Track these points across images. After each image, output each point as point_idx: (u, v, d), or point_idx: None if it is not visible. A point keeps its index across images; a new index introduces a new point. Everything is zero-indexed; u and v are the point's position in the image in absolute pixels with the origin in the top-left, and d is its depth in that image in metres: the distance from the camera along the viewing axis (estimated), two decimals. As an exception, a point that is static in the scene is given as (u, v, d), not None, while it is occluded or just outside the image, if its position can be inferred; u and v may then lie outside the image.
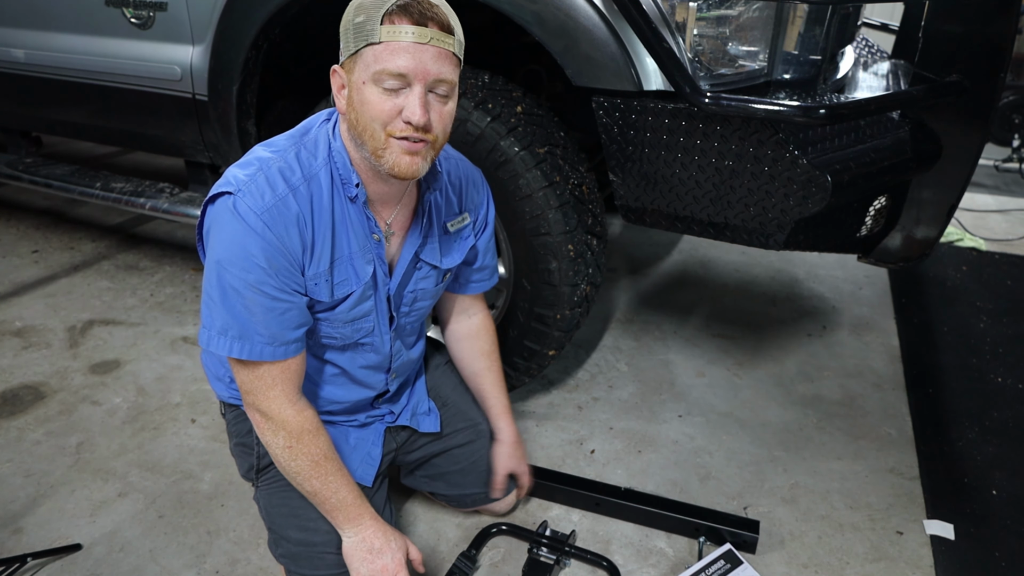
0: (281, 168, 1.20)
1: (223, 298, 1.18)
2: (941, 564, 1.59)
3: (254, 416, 1.28)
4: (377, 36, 1.10)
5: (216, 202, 1.20)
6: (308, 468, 1.28)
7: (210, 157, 2.24)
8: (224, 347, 1.20)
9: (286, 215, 1.18)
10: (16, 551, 1.57)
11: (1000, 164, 4.41)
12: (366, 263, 1.30)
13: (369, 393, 1.47)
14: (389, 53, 1.10)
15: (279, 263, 1.18)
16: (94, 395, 2.11)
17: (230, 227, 1.16)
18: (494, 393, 1.65)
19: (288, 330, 1.22)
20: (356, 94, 1.15)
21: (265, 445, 1.30)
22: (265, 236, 1.16)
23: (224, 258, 1.17)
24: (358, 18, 1.12)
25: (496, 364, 1.65)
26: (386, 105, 1.13)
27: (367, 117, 1.15)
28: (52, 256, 2.98)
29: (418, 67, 1.11)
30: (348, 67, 1.16)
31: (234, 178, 1.19)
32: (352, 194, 1.25)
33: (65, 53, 2.26)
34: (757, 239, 1.53)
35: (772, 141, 1.40)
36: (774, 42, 1.47)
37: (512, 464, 1.63)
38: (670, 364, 2.33)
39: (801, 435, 2.01)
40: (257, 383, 1.24)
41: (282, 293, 1.20)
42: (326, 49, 2.27)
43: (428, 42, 1.11)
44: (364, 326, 1.36)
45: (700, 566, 1.51)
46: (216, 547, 1.60)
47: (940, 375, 2.28)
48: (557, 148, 1.72)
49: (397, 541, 1.35)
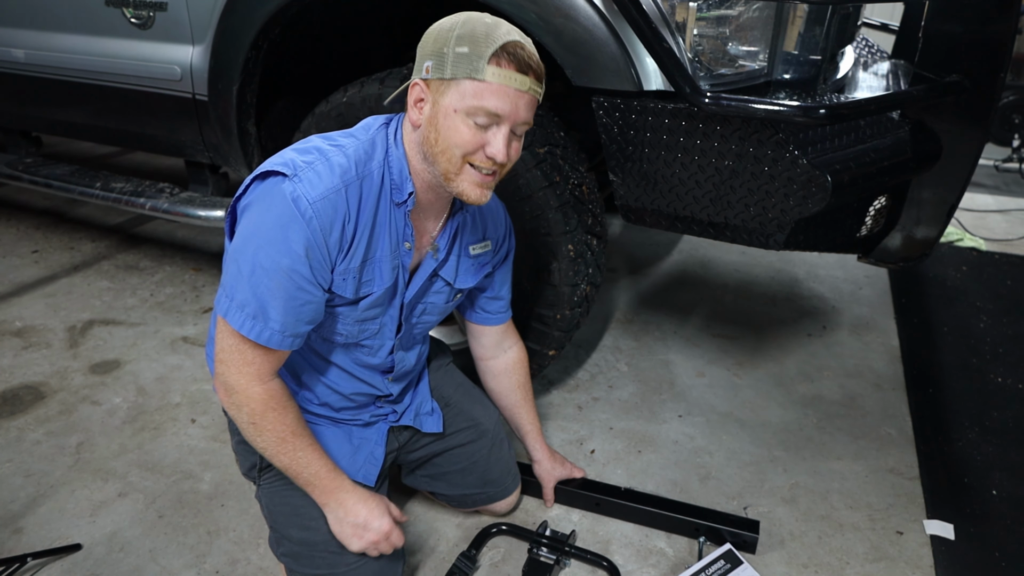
0: (339, 162, 1.22)
1: (251, 275, 1.18)
2: (941, 564, 1.59)
3: (220, 389, 1.28)
4: (482, 74, 1.14)
5: (267, 179, 1.20)
6: (275, 444, 1.28)
7: (210, 157, 2.24)
8: (237, 321, 1.20)
9: (335, 209, 1.19)
10: (16, 551, 1.57)
11: (1000, 164, 4.41)
12: (392, 268, 1.31)
13: (369, 389, 1.47)
14: (491, 94, 1.15)
15: (315, 255, 1.19)
16: (94, 395, 2.11)
17: (279, 208, 1.17)
18: (528, 419, 1.72)
19: (300, 323, 1.23)
20: (444, 118, 1.18)
21: (231, 418, 1.30)
22: (311, 225, 1.17)
23: (264, 236, 1.17)
24: (460, 47, 1.15)
25: (530, 394, 1.72)
26: (474, 138, 1.18)
27: (450, 142, 1.19)
28: (52, 256, 2.98)
29: (513, 112, 1.18)
30: (436, 88, 1.18)
31: (291, 161, 1.20)
32: (402, 199, 1.27)
33: (65, 53, 2.26)
34: (757, 239, 1.53)
35: (772, 141, 1.40)
36: (774, 42, 1.47)
37: (557, 474, 1.72)
38: (670, 364, 2.33)
39: (801, 435, 2.01)
40: (237, 356, 1.23)
41: (309, 284, 1.21)
42: (326, 49, 2.28)
43: (527, 90, 1.18)
44: (371, 328, 1.37)
45: (700, 566, 1.51)
46: (216, 547, 1.60)
47: (940, 375, 2.28)
48: (557, 148, 1.72)
49: (379, 506, 1.36)
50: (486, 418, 1.64)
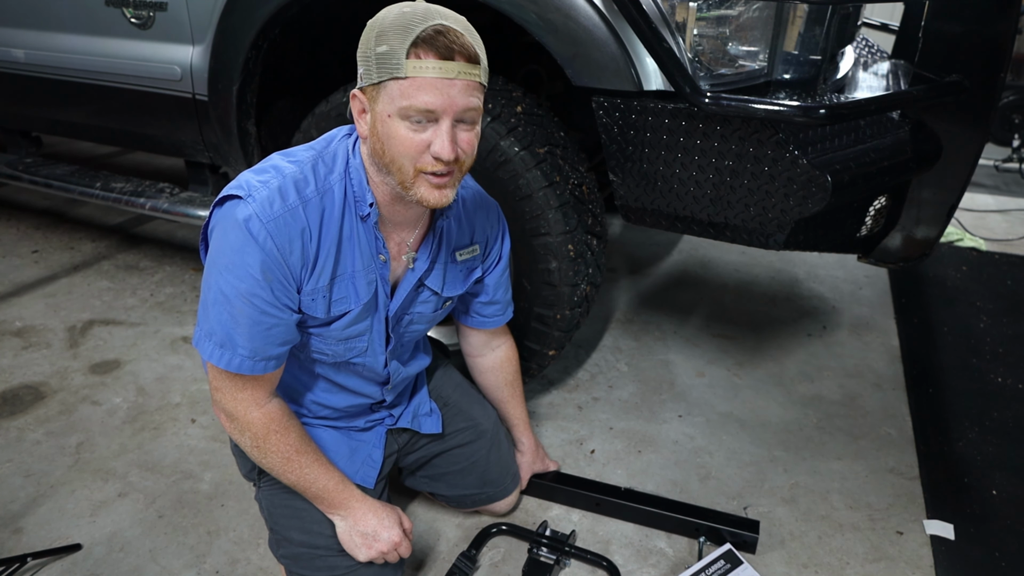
0: (296, 179, 1.18)
1: (214, 303, 1.17)
2: (941, 564, 1.59)
3: (220, 415, 1.27)
4: (403, 71, 1.07)
5: (224, 204, 1.18)
6: (280, 464, 1.27)
7: (210, 157, 2.24)
8: (206, 351, 1.19)
9: (292, 227, 1.16)
10: (16, 551, 1.57)
11: (1000, 164, 4.41)
12: (368, 283, 1.28)
13: (365, 401, 1.47)
14: (415, 89, 1.08)
15: (275, 275, 1.16)
16: (94, 395, 2.11)
17: (233, 232, 1.14)
18: (516, 413, 1.73)
19: (271, 346, 1.20)
20: (381, 126, 1.13)
21: (235, 442, 1.29)
22: (266, 246, 1.14)
23: (221, 263, 1.16)
24: (380, 47, 1.08)
25: (519, 388, 1.73)
26: (414, 140, 1.11)
27: (394, 151, 1.13)
28: (52, 256, 2.98)
29: (446, 102, 1.09)
30: (371, 95, 1.13)
31: (246, 183, 1.17)
32: (364, 213, 1.23)
33: (65, 53, 2.26)
34: (757, 239, 1.53)
35: (772, 141, 1.40)
36: (774, 42, 1.47)
37: (535, 468, 1.75)
38: (670, 364, 2.33)
39: (801, 435, 2.01)
40: (227, 384, 1.23)
41: (272, 308, 1.18)
42: (326, 49, 2.28)
43: (456, 76, 1.08)
44: (358, 346, 1.34)
45: (700, 566, 1.51)
46: (216, 547, 1.60)
47: (940, 375, 2.28)
48: (557, 148, 1.72)
49: (389, 517, 1.36)
50: (485, 418, 1.64)
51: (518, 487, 1.70)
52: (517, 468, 1.70)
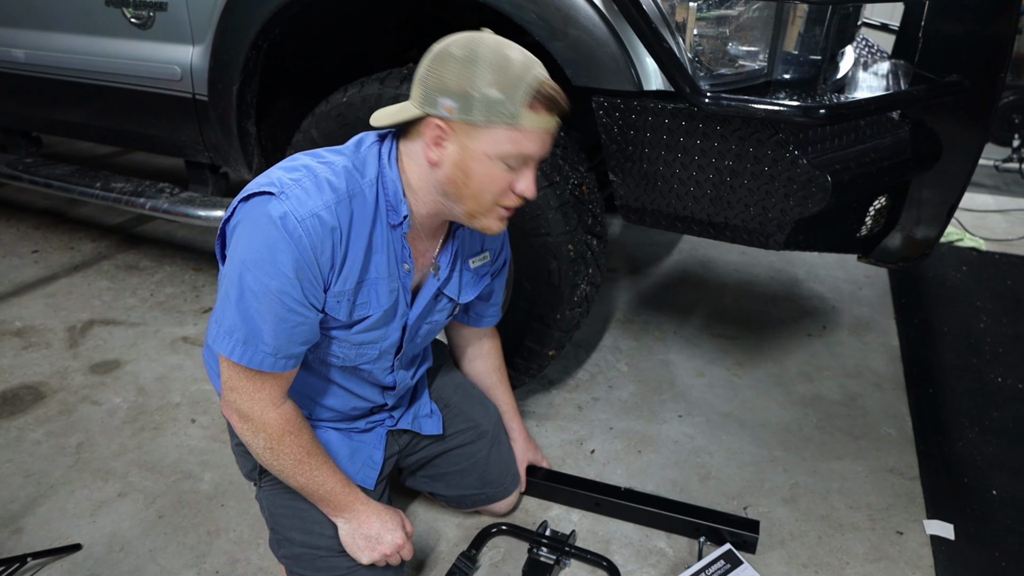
0: (328, 179, 1.17)
1: (239, 299, 1.15)
2: (941, 564, 1.59)
3: (232, 416, 1.25)
4: (521, 121, 1.12)
5: (252, 200, 1.16)
6: (291, 466, 1.27)
7: (210, 157, 2.24)
8: (227, 348, 1.17)
9: (325, 226, 1.15)
10: (16, 551, 1.57)
11: (1000, 164, 4.41)
12: (390, 291, 1.28)
13: (367, 404, 1.47)
14: (529, 141, 1.14)
15: (305, 275, 1.15)
16: (94, 395, 2.11)
17: (265, 229, 1.12)
18: (504, 399, 1.75)
19: (294, 344, 1.20)
20: (475, 163, 1.15)
21: (245, 444, 1.28)
22: (300, 244, 1.13)
23: (250, 259, 1.13)
24: (491, 91, 1.10)
25: (505, 375, 1.76)
26: (506, 179, 1.18)
27: (481, 187, 1.17)
28: (52, 256, 2.98)
29: (544, 151, 1.18)
30: (463, 131, 1.13)
31: (278, 180, 1.15)
32: (397, 221, 1.24)
33: (65, 53, 2.26)
34: (757, 239, 1.53)
35: (772, 141, 1.40)
36: (774, 42, 1.47)
37: (529, 456, 1.76)
38: (670, 364, 2.33)
39: (801, 435, 2.01)
40: (245, 384, 1.21)
41: (300, 306, 1.17)
42: (326, 49, 2.28)
43: (556, 127, 1.18)
44: (369, 352, 1.34)
45: (700, 566, 1.51)
46: (216, 547, 1.60)
47: (940, 375, 2.28)
48: (557, 148, 1.72)
49: (392, 520, 1.36)
50: (485, 419, 1.64)
51: (518, 487, 1.70)
52: (517, 469, 1.70)
